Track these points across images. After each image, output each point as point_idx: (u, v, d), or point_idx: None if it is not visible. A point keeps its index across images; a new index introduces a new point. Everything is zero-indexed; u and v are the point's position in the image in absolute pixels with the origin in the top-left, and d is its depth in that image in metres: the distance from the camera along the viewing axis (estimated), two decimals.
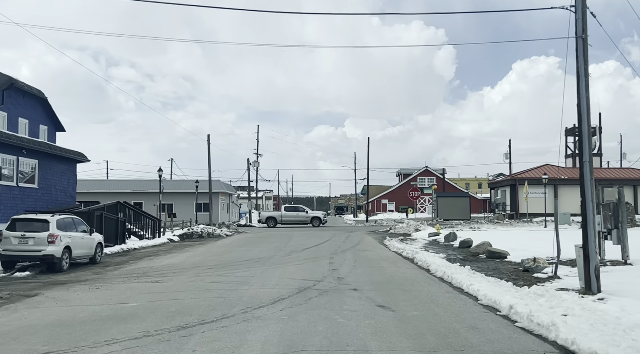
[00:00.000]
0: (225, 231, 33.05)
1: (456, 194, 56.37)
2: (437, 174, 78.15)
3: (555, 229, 12.19)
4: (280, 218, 43.81)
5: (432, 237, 27.89)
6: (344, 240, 26.16)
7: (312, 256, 16.98)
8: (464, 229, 34.92)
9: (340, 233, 32.99)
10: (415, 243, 24.25)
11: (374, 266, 14.34)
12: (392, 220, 50.02)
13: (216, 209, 50.55)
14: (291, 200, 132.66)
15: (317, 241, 24.92)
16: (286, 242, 24.50)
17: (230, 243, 25.00)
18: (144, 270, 13.99)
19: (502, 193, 52.25)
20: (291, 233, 31.96)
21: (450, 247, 22.28)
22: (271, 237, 29.00)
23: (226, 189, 52.62)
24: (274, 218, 44.05)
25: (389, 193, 79.11)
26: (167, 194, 50.92)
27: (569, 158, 53.55)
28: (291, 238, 27.17)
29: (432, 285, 10.88)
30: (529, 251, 18.67)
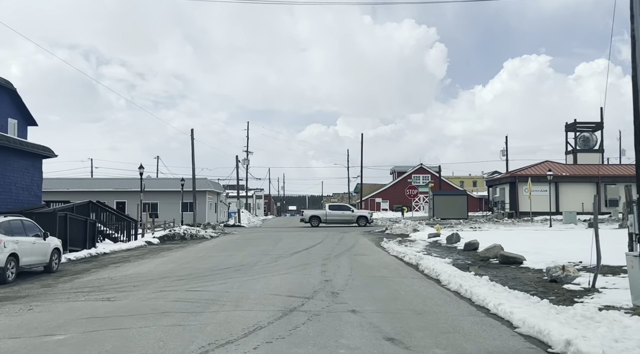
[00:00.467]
0: (210, 233, 30.86)
1: (453, 192, 54.44)
2: (432, 172, 76.29)
3: (595, 232, 10.11)
4: (324, 217, 41.42)
5: (433, 238, 25.85)
6: (338, 241, 24.06)
7: (302, 263, 14.85)
8: (464, 229, 32.93)
9: (333, 233, 30.89)
10: (415, 246, 22.20)
11: (374, 275, 12.23)
12: (387, 219, 47.95)
13: (202, 209, 48.30)
14: (283, 199, 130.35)
15: (308, 243, 22.80)
16: (274, 245, 22.36)
17: (212, 246, 22.83)
18: (102, 281, 11.79)
19: (501, 191, 50.34)
20: (280, 235, 29.80)
21: (454, 250, 20.24)
22: (259, 239, 26.84)
23: (214, 188, 50.38)
24: (317, 217, 41.58)
25: (382, 192, 77.11)
26: (151, 193, 48.61)
27: (570, 154, 51.72)
28: (280, 240, 25.03)
29: (449, 303, 8.78)
30: (546, 255, 16.66)
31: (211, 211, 50.97)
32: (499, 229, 32.47)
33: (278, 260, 15.73)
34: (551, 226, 32.11)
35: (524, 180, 46.99)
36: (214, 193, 51.43)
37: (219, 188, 53.44)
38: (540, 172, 47.86)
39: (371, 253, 18.59)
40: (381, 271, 13.07)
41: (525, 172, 48.14)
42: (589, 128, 51.13)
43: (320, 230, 34.64)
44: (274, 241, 24.80)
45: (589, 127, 51.13)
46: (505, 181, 49.07)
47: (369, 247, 21.14)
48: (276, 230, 37.80)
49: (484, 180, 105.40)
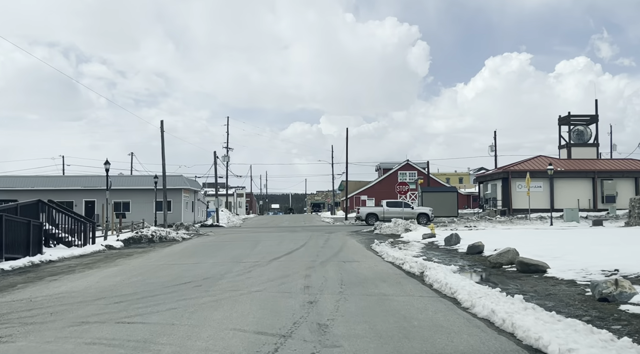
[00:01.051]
0: (183, 234, 28.01)
1: (442, 189, 52.14)
2: (418, 168, 74.06)
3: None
4: (382, 214, 38.46)
5: (428, 239, 23.34)
6: (323, 244, 21.41)
7: (281, 274, 12.15)
8: (459, 228, 30.53)
9: (317, 234, 28.24)
10: (411, 248, 19.64)
11: (371, 292, 9.58)
12: None
13: (178, 208, 45.32)
14: (265, 198, 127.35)
15: (290, 246, 20.11)
16: (251, 249, 19.63)
17: (180, 250, 20.02)
18: (15, 305, 8.98)
19: (493, 187, 48.12)
20: (259, 237, 27.06)
21: (456, 254, 17.72)
22: (235, 242, 24.07)
23: (190, 185, 47.39)
24: (374, 215, 38.62)
25: (368, 189, 74.64)
26: (122, 191, 45.52)
27: (563, 149, 49.67)
28: (258, 243, 22.30)
29: (486, 341, 6.15)
30: (569, 260, 14.13)
31: (187, 211, 48.00)
32: (496, 228, 30.12)
33: (252, 270, 13.01)
34: (552, 224, 29.82)
35: (517, 176, 44.81)
36: (190, 191, 48.47)
37: (196, 186, 50.46)
38: (533, 166, 45.71)
39: (362, 258, 15.96)
40: (379, 285, 10.43)
41: (519, 167, 45.96)
42: (583, 121, 49.13)
43: (304, 231, 31.96)
44: (251, 244, 22.07)
45: (583, 120, 49.13)
46: (497, 177, 46.85)
47: (359, 251, 18.53)
48: (256, 230, 35.07)
49: (470, 176, 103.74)
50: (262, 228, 37.62)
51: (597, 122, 48.34)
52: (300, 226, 39.65)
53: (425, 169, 74.87)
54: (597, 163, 46.02)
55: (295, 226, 39.58)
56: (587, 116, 48.96)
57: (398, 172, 73.98)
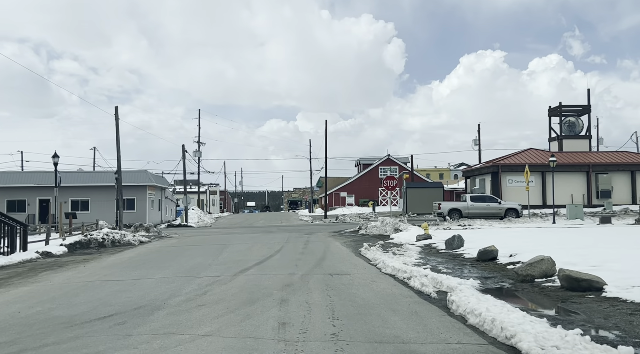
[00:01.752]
0: (141, 237, 24.36)
1: (428, 184, 49.23)
2: (400, 163, 71.25)
3: None
4: (465, 209, 34.76)
5: (423, 241, 20.17)
6: (303, 248, 18.07)
7: (246, 300, 8.75)
8: (452, 227, 27.51)
9: (295, 235, 24.90)
10: (407, 253, 16.44)
11: (382, 338, 6.26)
12: (356, 216, 42.25)
13: (142, 206, 41.47)
14: (241, 195, 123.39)
15: (263, 252, 16.71)
16: (215, 256, 16.18)
17: (128, 259, 16.44)
18: None
19: (481, 182, 45.35)
20: (229, 239, 23.58)
21: (463, 260, 14.56)
22: (199, 246, 20.56)
23: (156, 182, 43.54)
24: (458, 211, 34.93)
25: (347, 185, 71.53)
26: (81, 189, 41.50)
27: (554, 141, 47.19)
28: (225, 248, 18.84)
29: None
30: (616, 271, 10.88)
31: (154, 210, 44.15)
32: (493, 227, 27.16)
33: (208, 292, 9.60)
34: (554, 222, 26.98)
35: (507, 170, 42.10)
36: (156, 188, 44.61)
37: (162, 183, 46.59)
38: (525, 160, 43.05)
39: (353, 268, 12.65)
40: (389, 320, 7.12)
41: (509, 160, 43.25)
42: (574, 112, 46.70)
43: (281, 231, 28.60)
44: (217, 248, 18.60)
45: (575, 111, 46.69)
46: (485, 171, 44.09)
47: (347, 257, 15.23)
48: (227, 231, 31.55)
49: (450, 172, 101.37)
50: (234, 229, 34.10)
51: (589, 113, 45.97)
52: (276, 226, 36.25)
53: (407, 164, 72.08)
54: (591, 156, 43.60)
55: (270, 226, 36.16)
56: (579, 107, 46.54)
57: (379, 167, 71.05)
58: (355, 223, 37.19)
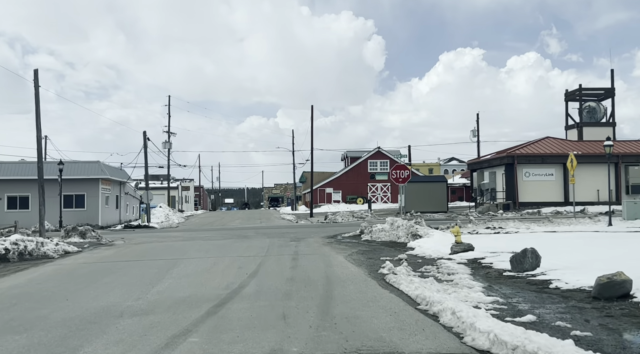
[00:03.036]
0: (68, 245, 17.78)
1: (430, 178, 43.22)
2: (391, 156, 65.30)
3: None
4: None
5: (463, 254, 14.03)
6: (291, 270, 11.77)
7: None
8: (479, 230, 21.50)
9: (279, 242, 18.58)
10: (458, 279, 10.49)
11: None
12: (348, 214, 36.00)
13: (94, 204, 34.71)
14: (218, 192, 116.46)
15: (228, 279, 10.34)
16: (147, 288, 9.76)
17: (7, 289, 9.99)
18: None
19: (491, 176, 39.45)
20: (187, 249, 17.13)
21: (565, 296, 8.40)
22: (135, 264, 14.09)
23: (111, 174, 36.77)
24: None
25: (334, 181, 65.31)
26: (20, 183, 34.59)
27: (573, 129, 41.55)
28: (174, 267, 12.41)
29: None
30: None
31: (109, 208, 37.37)
32: (532, 229, 21.14)
33: None
34: (611, 224, 21.05)
35: (524, 161, 36.26)
36: (113, 182, 37.84)
37: (121, 176, 39.77)
38: (542, 149, 37.27)
39: (398, 330, 6.42)
40: None
41: (526, 150, 37.42)
42: (595, 96, 41.09)
43: (260, 235, 22.30)
44: (159, 269, 12.20)
45: (595, 95, 41.07)
46: (497, 163, 38.21)
47: (369, 292, 8.96)
48: (193, 234, 25.14)
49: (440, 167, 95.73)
50: (202, 232, 27.68)
51: (613, 97, 40.33)
52: (254, 228, 29.89)
53: (399, 157, 66.20)
54: (618, 146, 38.00)
55: (247, 228, 29.81)
56: (601, 90, 40.95)
57: (368, 160, 65.00)
58: (349, 223, 31.00)
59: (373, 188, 64.79)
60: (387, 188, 64.77)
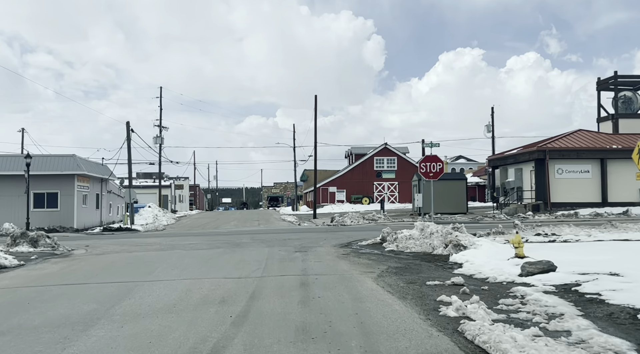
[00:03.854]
0: (8, 257, 13.60)
1: (449, 176, 39.04)
2: (398, 153, 61.24)
3: None
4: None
5: (543, 275, 9.75)
6: (302, 301, 7.57)
7: None
8: (529, 237, 17.30)
9: (281, 254, 14.37)
10: (597, 344, 6.08)
11: None
12: (358, 216, 31.74)
13: (68, 203, 30.54)
14: (216, 191, 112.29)
15: (204, 320, 6.11)
16: (62, 345, 5.60)
17: None
18: None
19: (517, 173, 35.28)
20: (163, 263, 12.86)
21: None
22: (76, 288, 9.83)
23: (89, 170, 32.55)
24: None
25: (337, 179, 61.15)
26: None
27: (606, 121, 37.40)
28: (127, 296, 8.17)
29: None
30: None
31: (87, 208, 33.16)
32: (596, 237, 16.95)
33: None
34: None
35: (557, 156, 32.11)
36: (92, 179, 33.65)
37: (102, 172, 35.53)
38: (575, 143, 33.13)
39: None
40: None
41: (558, 144, 33.25)
42: (631, 85, 36.94)
43: (257, 242, 18.12)
44: (113, 295, 8.04)
45: (632, 83, 36.93)
46: (525, 158, 34.03)
47: None
48: (177, 240, 20.96)
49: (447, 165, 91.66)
50: (190, 236, 23.54)
51: None
52: (251, 232, 25.75)
53: (406, 154, 62.08)
54: None
55: (243, 233, 25.66)
56: (638, 77, 36.78)
57: (374, 157, 60.88)
58: (360, 227, 26.85)
59: (379, 187, 60.67)
60: (394, 187, 60.65)
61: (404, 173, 60.48)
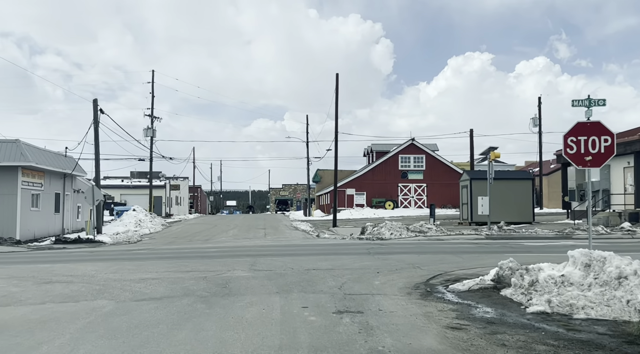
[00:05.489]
0: None
1: (510, 175, 30.77)
2: (427, 150, 53.20)
3: None
4: None
5: None
6: None
7: None
8: None
9: (302, 314, 6.10)
10: None
11: None
12: (400, 226, 23.29)
13: (10, 204, 22.76)
14: (220, 193, 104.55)
15: None
16: None
17: None
18: None
19: (603, 171, 27.03)
20: None
21: None
22: None
23: (39, 162, 24.63)
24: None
25: (356, 180, 53.04)
26: None
27: None
28: None
29: None
30: None
31: (38, 211, 25.26)
32: None
33: None
34: None
35: None
36: (46, 173, 25.78)
37: (62, 165, 27.54)
38: None
39: None
40: None
41: None
42: None
43: (255, 290, 10.14)
44: None
45: None
46: (627, 149, 25.66)
47: None
48: (128, 267, 13.04)
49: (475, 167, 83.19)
50: (156, 260, 15.58)
51: None
52: (252, 251, 17.77)
53: (434, 151, 54.01)
54: None
55: (240, 251, 17.69)
56: None
57: (399, 155, 52.79)
58: (411, 244, 18.79)
59: (405, 190, 52.57)
60: (422, 190, 52.56)
61: (434, 173, 52.41)
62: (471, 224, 28.36)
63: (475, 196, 28.05)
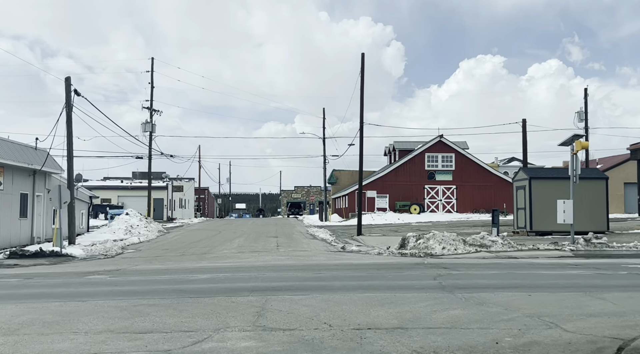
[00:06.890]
0: None
1: (581, 174, 25.43)
2: (457, 148, 47.89)
3: None
4: None
5: None
6: None
7: None
8: None
9: None
10: None
11: None
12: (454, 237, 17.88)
13: None
14: (228, 195, 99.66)
15: None
16: None
17: None
18: None
19: None
20: None
21: None
22: None
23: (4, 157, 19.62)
24: None
25: (378, 181, 47.72)
26: None
27: None
28: None
29: None
30: None
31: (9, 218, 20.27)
32: None
33: None
34: None
35: None
36: (8, 169, 20.82)
37: (29, 160, 22.51)
38: None
39: None
40: None
41: None
42: None
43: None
44: None
45: None
46: None
47: None
48: (83, 295, 8.12)
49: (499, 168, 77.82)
50: (123, 293, 10.58)
51: None
52: (260, 276, 12.64)
53: (465, 150, 48.71)
54: None
55: (240, 274, 12.58)
56: None
57: (425, 154, 47.47)
58: (475, 263, 13.53)
59: (432, 192, 47.24)
60: (451, 192, 47.22)
61: (464, 174, 47.10)
62: (529, 234, 23.10)
63: (535, 200, 22.79)
